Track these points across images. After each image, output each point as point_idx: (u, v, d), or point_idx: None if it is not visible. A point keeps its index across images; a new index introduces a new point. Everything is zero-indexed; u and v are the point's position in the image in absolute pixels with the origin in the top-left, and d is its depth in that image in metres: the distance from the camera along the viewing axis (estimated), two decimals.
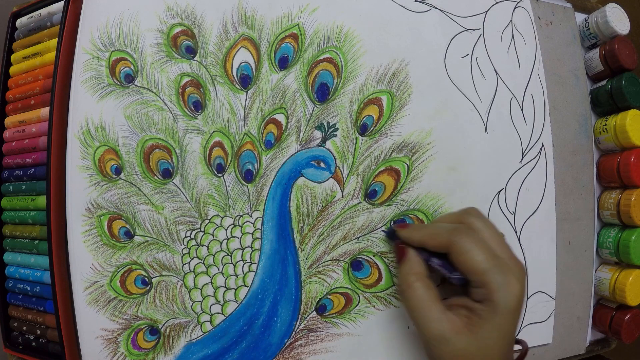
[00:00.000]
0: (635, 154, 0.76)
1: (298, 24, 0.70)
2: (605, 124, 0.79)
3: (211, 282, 0.67)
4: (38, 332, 0.72)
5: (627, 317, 0.77)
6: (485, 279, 0.50)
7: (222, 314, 0.66)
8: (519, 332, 0.72)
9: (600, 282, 0.79)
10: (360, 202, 0.68)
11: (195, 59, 0.70)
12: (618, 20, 0.80)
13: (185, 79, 0.69)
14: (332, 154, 0.68)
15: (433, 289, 0.54)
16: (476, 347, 0.50)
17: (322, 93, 0.69)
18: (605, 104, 0.81)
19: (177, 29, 0.70)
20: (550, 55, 0.78)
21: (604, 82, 0.81)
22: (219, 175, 0.68)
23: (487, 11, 0.74)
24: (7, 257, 0.76)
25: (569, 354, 0.78)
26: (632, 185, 0.77)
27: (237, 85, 0.69)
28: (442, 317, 0.51)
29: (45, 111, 0.72)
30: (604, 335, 0.83)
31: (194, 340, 0.67)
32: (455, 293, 0.58)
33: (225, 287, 0.67)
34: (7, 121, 0.77)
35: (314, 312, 0.67)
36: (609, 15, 0.79)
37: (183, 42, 0.70)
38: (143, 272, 0.67)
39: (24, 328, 0.74)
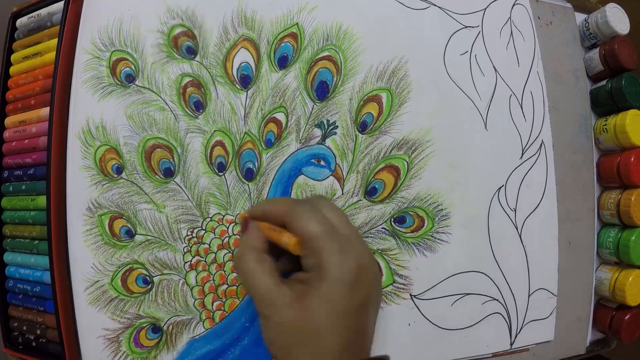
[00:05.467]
0: (635, 154, 0.76)
1: (297, 23, 0.70)
2: (605, 124, 0.79)
3: (213, 280, 0.67)
4: (38, 332, 0.72)
5: (627, 317, 0.76)
6: (316, 244, 0.47)
7: (224, 310, 0.67)
8: (520, 330, 0.72)
9: (600, 282, 0.79)
10: (360, 200, 0.68)
11: (196, 59, 0.70)
12: (618, 20, 0.80)
13: (186, 79, 0.69)
14: (332, 152, 0.68)
15: (267, 263, 0.50)
16: (303, 319, 0.46)
17: (322, 91, 0.69)
18: (605, 104, 0.81)
19: (178, 30, 0.70)
20: (550, 55, 0.78)
21: (604, 82, 0.81)
22: (220, 174, 0.68)
23: (485, 8, 0.74)
24: (7, 257, 0.76)
25: (569, 354, 0.77)
26: (632, 185, 0.77)
27: (237, 85, 0.70)
28: (272, 289, 0.47)
29: (45, 111, 0.72)
30: (604, 335, 0.82)
31: (196, 337, 0.67)
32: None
33: (227, 284, 0.67)
34: (7, 121, 0.77)
35: None
36: (609, 15, 0.80)
37: (184, 43, 0.70)
38: (144, 271, 0.67)
39: (24, 328, 0.74)
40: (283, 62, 0.70)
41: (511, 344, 0.71)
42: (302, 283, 0.48)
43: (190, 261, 0.67)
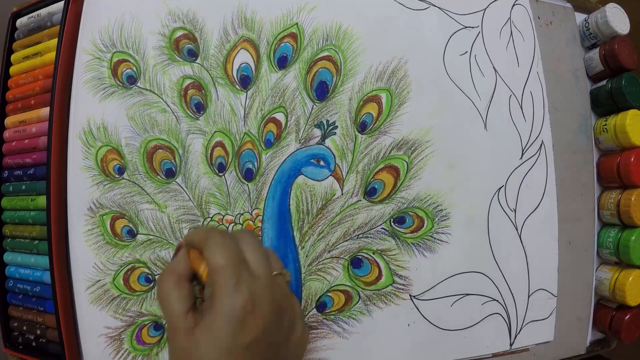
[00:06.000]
0: (635, 154, 0.76)
1: (297, 23, 0.70)
2: (605, 124, 0.79)
3: None
4: (38, 332, 0.72)
5: (627, 317, 0.76)
6: (214, 275, 0.47)
7: None
8: (520, 331, 0.72)
9: (600, 282, 0.79)
10: (360, 200, 0.68)
11: (197, 61, 0.70)
12: (618, 20, 0.80)
13: (188, 81, 0.70)
14: (332, 152, 0.68)
15: (184, 289, 0.50)
16: (191, 351, 0.46)
17: (321, 91, 0.69)
18: (605, 104, 0.81)
19: (179, 33, 0.71)
20: (550, 55, 0.78)
21: (604, 82, 0.81)
22: (220, 174, 0.68)
23: (485, 9, 0.74)
24: (7, 257, 0.76)
25: (569, 354, 0.77)
26: (632, 185, 0.77)
27: (237, 86, 0.70)
28: (179, 316, 0.48)
29: (45, 111, 0.72)
30: (604, 335, 0.82)
31: None
32: None
33: None
34: (7, 121, 0.78)
35: (314, 310, 0.67)
36: (609, 15, 0.79)
37: (185, 46, 0.70)
38: (146, 270, 0.67)
39: (24, 328, 0.74)
40: (283, 62, 0.70)
41: (511, 345, 0.71)
42: (201, 313, 0.48)
43: None
